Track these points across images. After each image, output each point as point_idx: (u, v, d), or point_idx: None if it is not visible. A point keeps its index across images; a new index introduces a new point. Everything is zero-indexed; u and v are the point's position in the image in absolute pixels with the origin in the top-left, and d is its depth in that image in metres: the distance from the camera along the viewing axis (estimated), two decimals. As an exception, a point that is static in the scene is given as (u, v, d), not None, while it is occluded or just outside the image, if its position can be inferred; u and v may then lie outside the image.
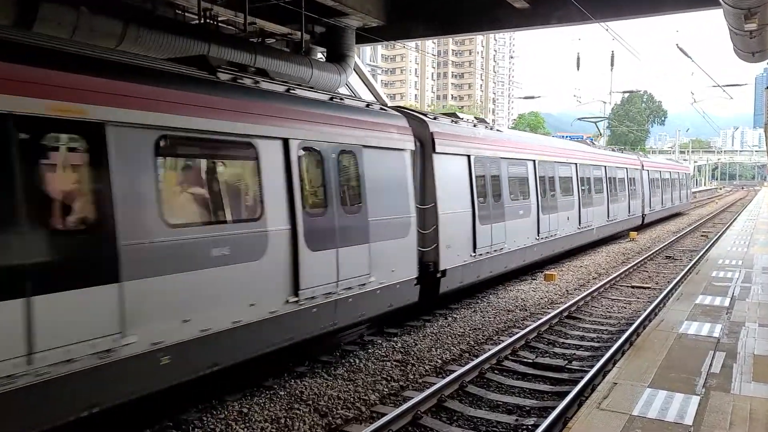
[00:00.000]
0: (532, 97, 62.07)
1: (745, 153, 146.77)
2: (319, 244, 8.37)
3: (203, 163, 7.51)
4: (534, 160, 16.38)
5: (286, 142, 7.95)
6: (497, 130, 16.07)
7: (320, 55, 19.79)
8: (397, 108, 12.56)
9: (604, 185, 22.95)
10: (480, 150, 13.50)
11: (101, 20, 11.60)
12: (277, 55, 16.25)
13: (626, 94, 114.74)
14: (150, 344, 6.09)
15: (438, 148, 11.75)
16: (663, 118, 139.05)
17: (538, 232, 16.24)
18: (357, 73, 25.07)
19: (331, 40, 18.82)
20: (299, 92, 8.79)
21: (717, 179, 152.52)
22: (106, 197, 5.81)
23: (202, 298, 6.71)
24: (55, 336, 5.32)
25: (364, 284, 9.30)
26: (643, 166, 29.96)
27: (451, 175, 12.27)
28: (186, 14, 16.14)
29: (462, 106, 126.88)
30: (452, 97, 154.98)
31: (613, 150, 29.82)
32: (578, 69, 55.12)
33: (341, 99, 9.90)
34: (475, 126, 14.26)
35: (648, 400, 6.03)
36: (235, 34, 17.10)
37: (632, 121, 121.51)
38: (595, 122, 40.07)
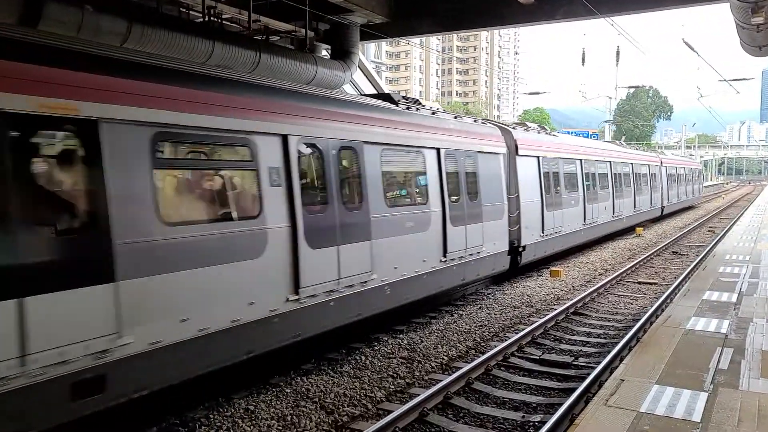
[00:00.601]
0: (537, 93, 62.04)
1: (752, 148, 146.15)
2: (459, 222, 11.94)
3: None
4: (581, 159, 19.65)
5: (438, 151, 11.47)
6: (554, 135, 20.15)
7: (325, 52, 19.77)
8: (489, 121, 16.81)
9: (632, 180, 26.07)
10: (545, 152, 16.87)
11: (106, 18, 11.62)
12: (281, 53, 16.24)
13: (632, 90, 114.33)
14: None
15: (520, 152, 15.15)
16: (669, 113, 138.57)
17: (584, 219, 19.53)
18: (361, 70, 25.04)
19: (336, 37, 18.81)
20: (444, 116, 12.96)
21: (723, 174, 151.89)
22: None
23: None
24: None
25: (480, 252, 12.77)
26: (662, 162, 33.04)
27: (527, 172, 15.58)
28: (190, 12, 16.15)
29: (467, 103, 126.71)
30: (457, 94, 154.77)
31: (636, 148, 34.48)
32: (583, 64, 54.96)
33: (461, 118, 13.99)
34: (539, 132, 18.03)
35: (656, 396, 6.00)
36: (240, 31, 17.10)
37: (638, 116, 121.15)
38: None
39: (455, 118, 13.58)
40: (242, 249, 7.18)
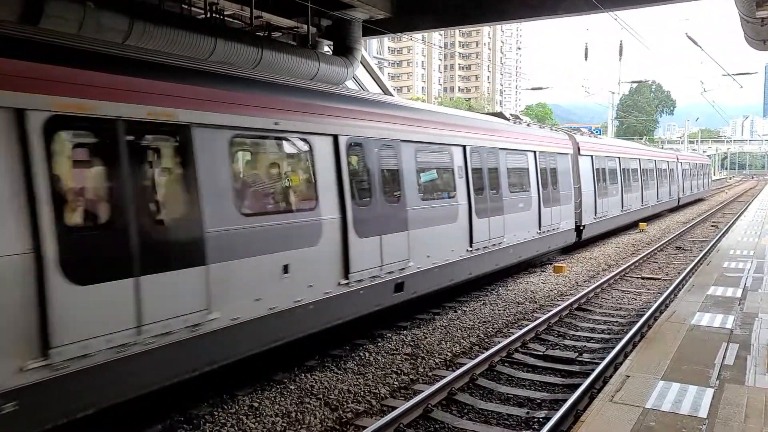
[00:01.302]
0: (540, 88, 61.70)
1: (755, 142, 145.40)
2: (548, 204, 16.12)
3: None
4: (619, 157, 24.07)
5: (535, 153, 15.67)
6: (597, 137, 26.68)
7: (327, 48, 19.72)
8: (558, 128, 22.63)
9: (655, 175, 30.30)
10: (596, 152, 21.18)
11: (107, 15, 11.58)
12: (283, 49, 16.19)
13: (635, 84, 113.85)
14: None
15: (581, 152, 19.52)
16: (672, 108, 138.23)
17: (622, 206, 23.78)
18: (364, 66, 24.98)
19: (338, 33, 18.73)
20: (535, 128, 17.97)
21: (726, 169, 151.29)
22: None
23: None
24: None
25: (558, 227, 16.86)
26: (678, 159, 37.54)
27: (585, 168, 19.82)
28: (192, 9, 16.10)
29: (469, 98, 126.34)
30: (459, 89, 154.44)
31: (656, 147, 40.05)
32: (586, 59, 54.70)
33: (545, 128, 19.57)
34: (590, 135, 23.61)
35: (661, 392, 5.98)
36: (242, 28, 17.06)
37: (641, 111, 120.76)
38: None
39: (540, 128, 18.95)
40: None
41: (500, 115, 16.40)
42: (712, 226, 28.48)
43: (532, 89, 77.62)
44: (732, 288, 10.88)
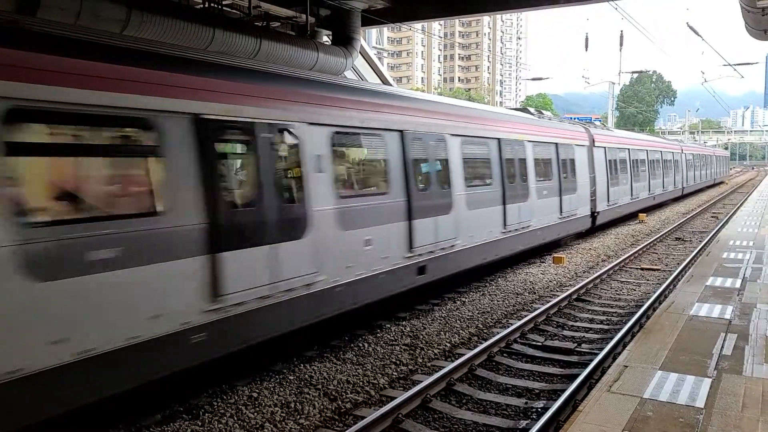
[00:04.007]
0: (540, 79, 61.43)
1: (756, 133, 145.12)
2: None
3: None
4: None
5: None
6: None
7: (326, 38, 19.60)
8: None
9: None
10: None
11: (105, 5, 11.50)
12: (282, 39, 16.10)
13: (635, 75, 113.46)
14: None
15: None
16: (672, 99, 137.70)
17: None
18: (363, 56, 24.83)
19: (337, 23, 18.61)
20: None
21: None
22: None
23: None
24: None
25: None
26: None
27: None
28: (190, -1, 16.01)
29: (469, 89, 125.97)
30: (459, 80, 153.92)
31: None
32: (586, 50, 54.46)
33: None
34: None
35: (659, 382, 5.99)
36: (240, 17, 16.96)
37: (641, 101, 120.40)
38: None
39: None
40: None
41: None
42: (712, 216, 28.47)
43: (532, 79, 77.36)
44: (731, 279, 10.89)
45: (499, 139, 13.50)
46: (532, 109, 18.14)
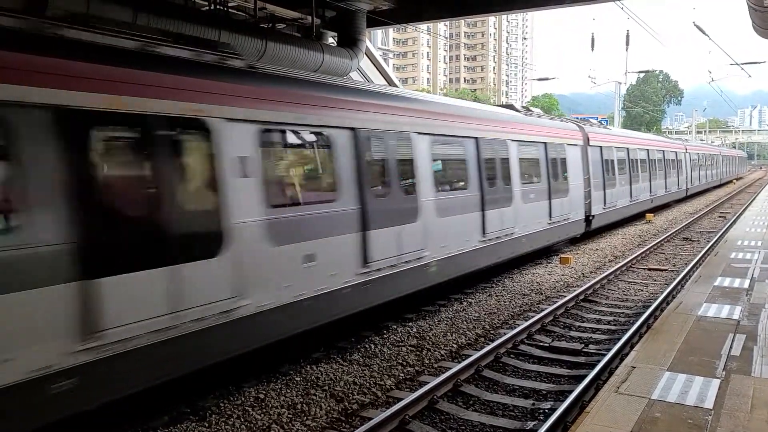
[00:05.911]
0: (546, 79, 61.31)
1: (764, 132, 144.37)
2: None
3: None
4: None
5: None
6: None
7: (331, 39, 19.61)
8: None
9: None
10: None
11: (111, 7, 11.55)
12: (287, 41, 16.11)
13: (642, 74, 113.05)
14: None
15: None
16: (679, 98, 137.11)
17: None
18: (368, 57, 24.83)
19: (342, 24, 18.61)
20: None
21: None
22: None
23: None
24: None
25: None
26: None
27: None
28: (196, 1, 16.05)
29: (475, 89, 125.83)
30: (465, 80, 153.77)
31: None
32: (593, 50, 54.25)
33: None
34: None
35: (667, 383, 5.96)
36: (246, 19, 16.99)
37: (648, 101, 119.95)
38: None
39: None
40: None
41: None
42: (720, 216, 28.32)
43: (538, 80, 77.34)
44: (739, 279, 10.82)
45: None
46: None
